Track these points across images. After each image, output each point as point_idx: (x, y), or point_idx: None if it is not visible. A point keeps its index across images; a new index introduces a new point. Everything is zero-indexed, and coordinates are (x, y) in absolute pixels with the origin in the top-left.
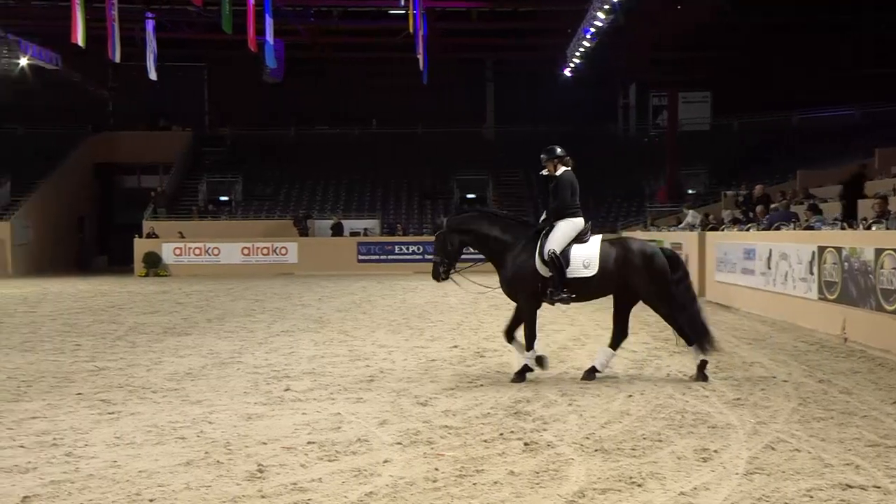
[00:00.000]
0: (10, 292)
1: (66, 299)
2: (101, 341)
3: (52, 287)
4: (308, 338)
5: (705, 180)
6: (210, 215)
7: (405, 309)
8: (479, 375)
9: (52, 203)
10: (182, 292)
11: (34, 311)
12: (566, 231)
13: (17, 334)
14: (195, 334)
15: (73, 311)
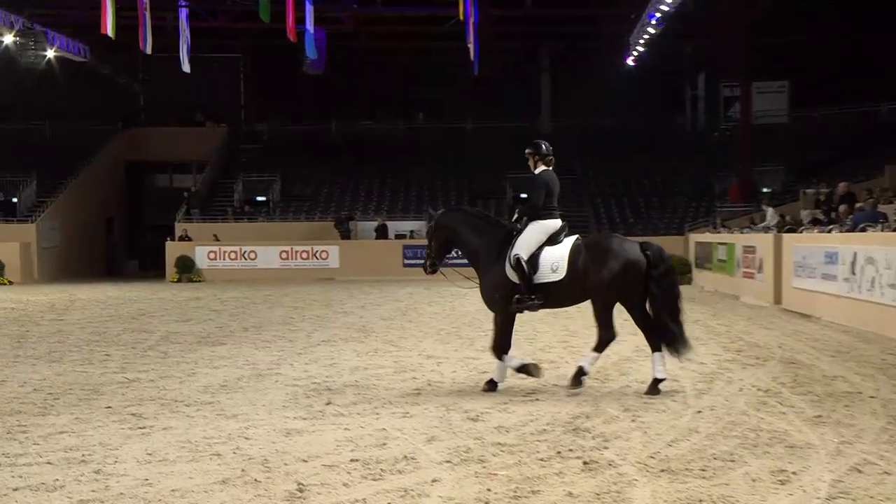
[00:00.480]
0: (37, 299)
1: (95, 306)
2: (132, 351)
3: (80, 293)
4: (350, 348)
5: (782, 178)
6: (246, 217)
7: (455, 317)
8: (533, 389)
9: (80, 204)
10: (216, 299)
11: (61, 318)
12: (536, 234)
13: (43, 344)
14: (230, 344)
15: (101, 319)
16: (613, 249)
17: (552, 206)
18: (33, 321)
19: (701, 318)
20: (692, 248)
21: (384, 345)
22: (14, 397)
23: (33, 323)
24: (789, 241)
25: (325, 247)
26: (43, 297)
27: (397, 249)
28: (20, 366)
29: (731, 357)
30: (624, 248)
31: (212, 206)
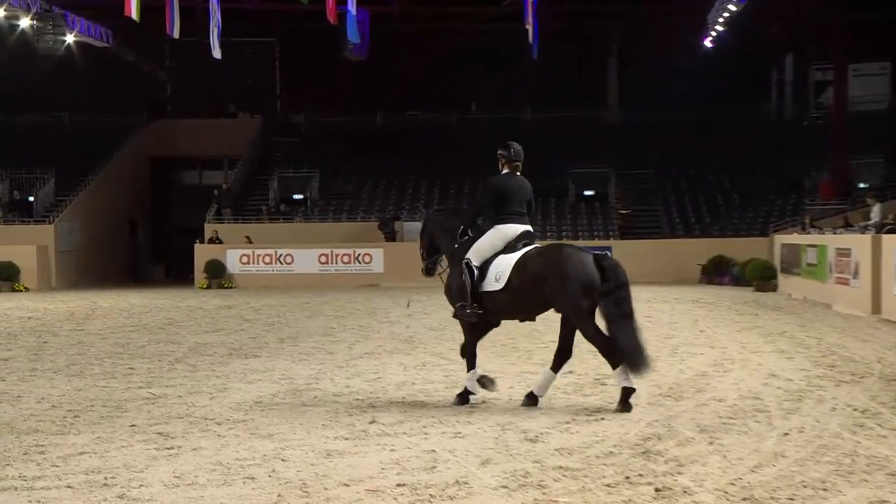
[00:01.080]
0: (55, 307)
1: (118, 315)
2: (158, 364)
3: (102, 301)
4: (396, 361)
5: (881, 171)
6: (282, 217)
7: (511, 327)
8: (599, 407)
9: (102, 203)
10: (250, 307)
11: (82, 328)
12: (491, 239)
13: (62, 356)
14: (265, 356)
15: (125, 329)
16: (562, 260)
17: (513, 212)
18: (51, 331)
19: (788, 330)
20: (777, 251)
21: (433, 357)
22: (31, 415)
23: (51, 333)
24: (890, 242)
25: (369, 250)
26: (61, 305)
27: None
28: (37, 380)
29: (823, 373)
30: (574, 260)
31: (245, 205)
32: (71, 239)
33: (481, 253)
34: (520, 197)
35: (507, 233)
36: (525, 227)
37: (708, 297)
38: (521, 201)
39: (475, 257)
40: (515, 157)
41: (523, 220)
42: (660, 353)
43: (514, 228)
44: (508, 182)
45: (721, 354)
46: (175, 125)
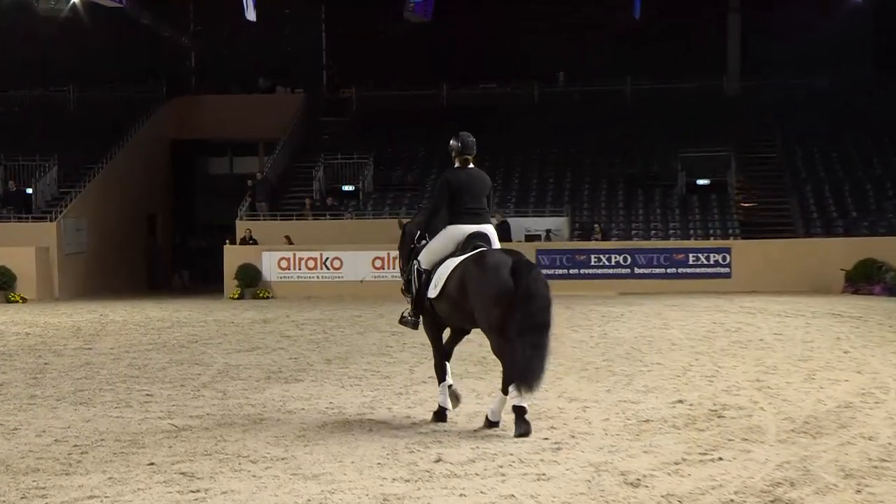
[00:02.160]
0: (59, 321)
1: (133, 331)
2: (181, 390)
3: (114, 314)
4: (467, 387)
5: None
6: (329, 213)
7: (606, 346)
8: (715, 444)
9: (114, 196)
10: (290, 321)
11: (90, 347)
12: (441, 241)
13: (67, 380)
14: (309, 380)
15: (141, 348)
16: (477, 269)
17: (465, 211)
18: (53, 351)
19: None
20: None
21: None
22: (30, 451)
23: (53, 353)
24: None
25: None
26: (66, 319)
27: (528, 254)
28: (37, 409)
29: None
30: (488, 268)
31: (284, 198)
32: (77, 239)
33: (430, 257)
34: (473, 192)
35: (456, 234)
36: (477, 226)
37: (854, 311)
38: (476, 197)
39: (425, 261)
40: (465, 149)
41: (477, 219)
42: (791, 378)
43: (463, 230)
44: (458, 177)
45: (871, 381)
46: (201, 103)
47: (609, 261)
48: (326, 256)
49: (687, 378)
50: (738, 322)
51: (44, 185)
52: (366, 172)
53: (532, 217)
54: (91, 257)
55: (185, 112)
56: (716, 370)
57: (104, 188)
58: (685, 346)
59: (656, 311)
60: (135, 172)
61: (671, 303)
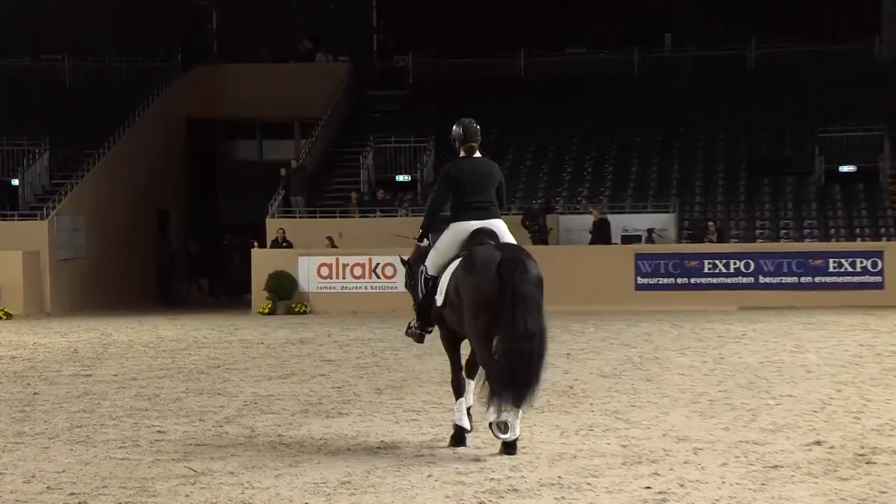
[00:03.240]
0: (51, 342)
1: (141, 353)
2: (200, 426)
3: (118, 333)
4: (549, 422)
5: None
6: (380, 208)
7: (723, 373)
8: (863, 497)
9: (119, 188)
10: (332, 342)
11: (89, 373)
12: (447, 241)
13: (61, 413)
14: (355, 414)
15: (152, 375)
16: (463, 268)
17: (469, 205)
18: (45, 378)
19: None
20: None
21: (605, 418)
22: (16, 500)
23: (45, 380)
24: None
25: None
26: (60, 340)
27: (625, 260)
28: (26, 449)
29: None
30: (474, 267)
31: (325, 191)
32: (73, 242)
33: (436, 259)
34: (479, 185)
35: (460, 232)
36: (481, 222)
37: None
38: (482, 189)
39: (430, 265)
40: (468, 136)
41: (483, 214)
42: None
43: (467, 227)
44: (460, 168)
45: None
46: (224, 74)
47: (727, 267)
48: (377, 262)
49: (826, 414)
50: (892, 345)
51: (33, 176)
52: (425, 159)
53: (630, 214)
54: (90, 263)
55: (204, 86)
56: (863, 404)
57: (106, 179)
58: (824, 374)
59: (786, 331)
60: (143, 160)
61: (806, 320)
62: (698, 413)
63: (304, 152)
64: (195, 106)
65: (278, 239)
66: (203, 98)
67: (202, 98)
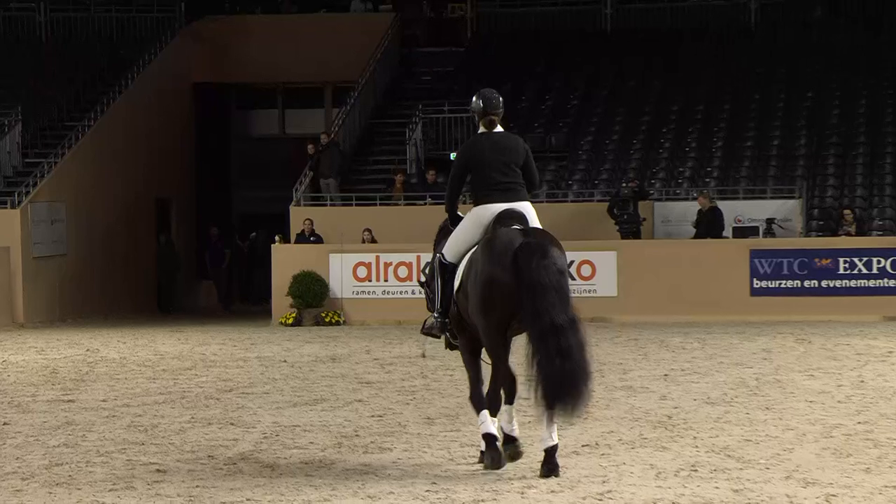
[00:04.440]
0: (24, 359)
1: (136, 374)
2: (208, 464)
3: (107, 348)
4: (642, 459)
5: None
6: (430, 194)
7: (864, 400)
8: None
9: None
10: (372, 360)
11: (71, 398)
12: (466, 227)
13: (37, 449)
14: (400, 449)
15: (149, 401)
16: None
17: (491, 185)
18: (16, 404)
19: None
20: None
21: (712, 455)
22: None
23: (17, 408)
24: None
25: (590, 254)
26: (35, 357)
27: (739, 258)
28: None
29: None
30: (486, 253)
31: (363, 172)
32: (51, 235)
33: (455, 246)
34: (500, 161)
35: (483, 216)
36: (506, 204)
37: None
38: (505, 167)
39: (449, 252)
40: (489, 107)
41: (508, 196)
42: None
43: (491, 209)
44: (478, 145)
45: None
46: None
47: (868, 267)
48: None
49: None
50: None
51: (1, 153)
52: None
53: (744, 200)
54: (72, 262)
55: (213, 43)
56: None
57: (92, 159)
58: None
59: None
60: (138, 135)
61: None
62: (831, 450)
63: (336, 125)
64: (202, 68)
65: (305, 232)
66: (212, 58)
67: (211, 58)
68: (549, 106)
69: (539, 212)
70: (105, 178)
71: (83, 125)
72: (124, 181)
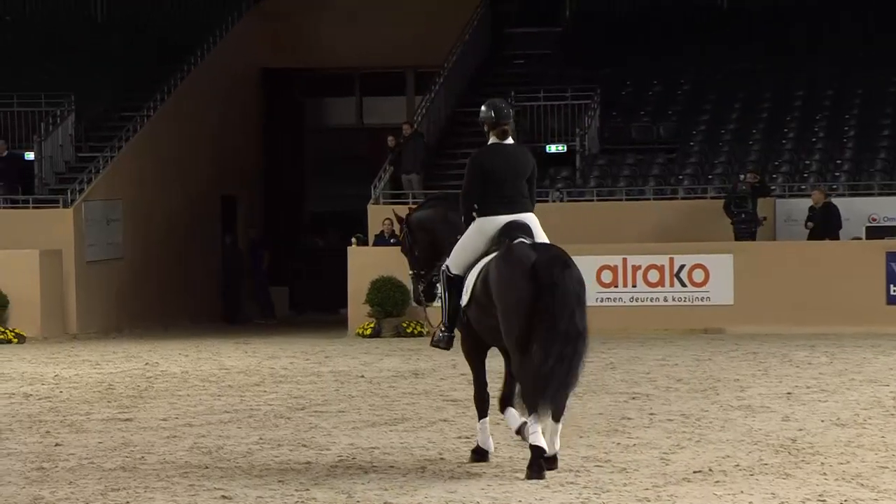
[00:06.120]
0: (78, 374)
1: (198, 390)
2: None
3: (168, 361)
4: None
5: None
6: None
7: None
8: None
9: (169, 166)
10: (458, 374)
11: (129, 417)
12: (472, 238)
13: (92, 472)
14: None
15: (213, 419)
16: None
17: (498, 198)
18: (69, 423)
19: None
20: None
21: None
22: None
23: (70, 427)
24: None
25: (703, 257)
26: (89, 371)
27: (874, 262)
28: None
29: None
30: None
31: (448, 167)
32: (107, 237)
33: (460, 256)
34: (509, 174)
35: (488, 228)
36: (513, 216)
37: None
38: (513, 180)
39: (453, 263)
40: (500, 117)
41: (514, 208)
42: None
43: (496, 221)
44: (490, 156)
45: None
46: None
47: None
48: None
49: None
50: None
51: (53, 146)
52: (587, 121)
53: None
54: (129, 267)
55: (283, 24)
56: None
57: (151, 153)
58: None
59: None
60: (201, 126)
61: None
62: None
63: (419, 114)
64: (271, 52)
65: (384, 233)
66: (282, 41)
67: (280, 42)
68: (657, 92)
69: (645, 211)
70: (165, 174)
71: (141, 116)
72: (186, 177)
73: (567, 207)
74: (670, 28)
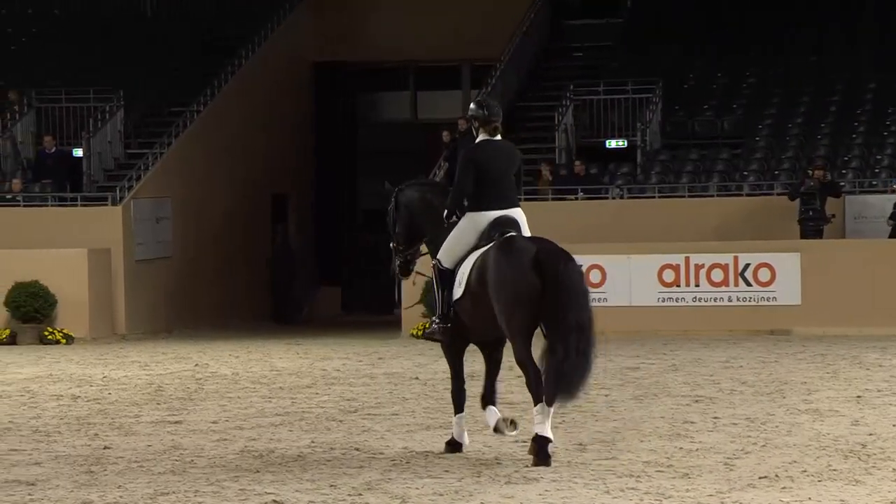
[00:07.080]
0: (126, 376)
1: (249, 392)
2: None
3: (218, 363)
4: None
5: None
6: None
7: None
8: None
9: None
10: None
11: (178, 419)
12: (463, 232)
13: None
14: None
15: (264, 422)
16: (494, 259)
17: (488, 193)
18: (118, 426)
19: None
20: None
21: None
22: None
23: (118, 430)
24: None
25: (769, 256)
26: (138, 373)
27: None
28: None
29: None
30: (507, 257)
31: None
32: (156, 236)
33: (451, 251)
34: (499, 170)
35: (479, 222)
36: (502, 211)
37: None
38: (504, 177)
39: (444, 257)
40: (492, 115)
41: (503, 203)
42: None
43: (486, 216)
44: (482, 153)
45: None
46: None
47: None
48: (578, 264)
49: None
50: None
51: (101, 143)
52: (648, 115)
53: None
54: (179, 266)
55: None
56: None
57: (201, 150)
58: None
59: None
60: (253, 122)
61: None
62: None
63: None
64: (323, 45)
65: None
66: (334, 34)
67: (333, 34)
68: (721, 84)
69: (708, 208)
70: (215, 172)
71: (191, 111)
72: (237, 174)
73: (627, 204)
74: (734, 19)
